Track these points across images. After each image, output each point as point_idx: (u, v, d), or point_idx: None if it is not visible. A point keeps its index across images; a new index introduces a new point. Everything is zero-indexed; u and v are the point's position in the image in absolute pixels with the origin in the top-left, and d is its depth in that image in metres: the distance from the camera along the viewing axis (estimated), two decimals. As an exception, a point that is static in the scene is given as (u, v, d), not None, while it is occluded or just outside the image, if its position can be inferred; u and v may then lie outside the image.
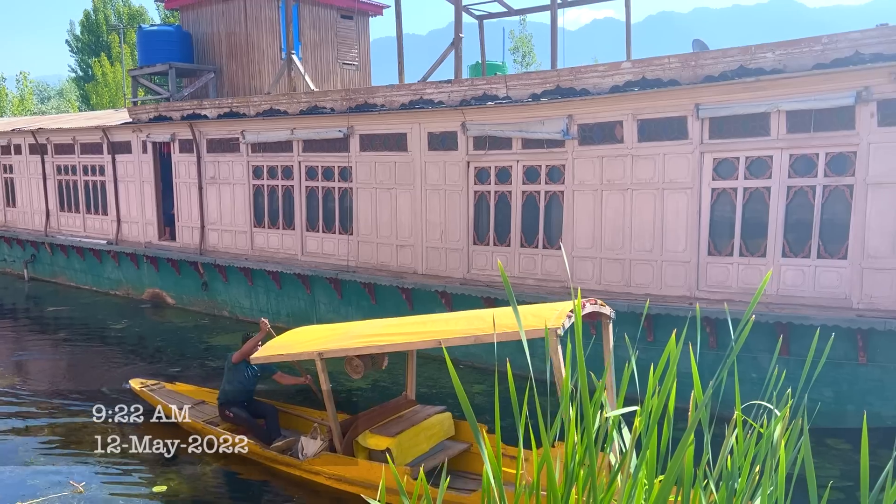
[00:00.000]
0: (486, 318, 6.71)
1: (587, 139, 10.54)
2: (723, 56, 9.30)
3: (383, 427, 7.55)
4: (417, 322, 7.87)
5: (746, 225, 9.31)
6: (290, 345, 8.13)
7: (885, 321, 8.08)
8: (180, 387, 10.09)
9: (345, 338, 7.77)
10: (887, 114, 8.25)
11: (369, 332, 7.70)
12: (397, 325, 7.87)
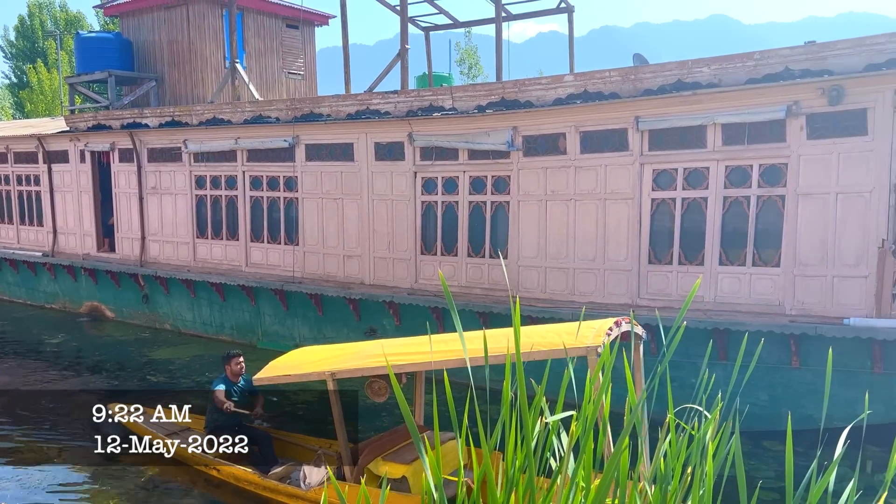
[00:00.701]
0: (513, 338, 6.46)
1: (531, 150, 10.70)
2: (661, 70, 9.58)
3: (396, 454, 7.03)
4: (436, 341, 7.34)
5: (685, 234, 9.57)
6: (297, 364, 7.47)
7: (816, 326, 8.40)
8: (162, 411, 9.40)
9: (357, 357, 7.23)
10: (816, 127, 8.62)
11: (385, 352, 7.06)
12: (414, 345, 7.35)
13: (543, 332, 6.58)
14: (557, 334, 6.31)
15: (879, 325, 8.07)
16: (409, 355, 6.92)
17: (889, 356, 8.24)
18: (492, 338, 6.88)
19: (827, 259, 8.57)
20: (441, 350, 6.78)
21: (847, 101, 8.32)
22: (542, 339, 6.18)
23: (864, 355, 8.39)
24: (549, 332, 6.60)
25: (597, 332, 6.03)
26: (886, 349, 8.21)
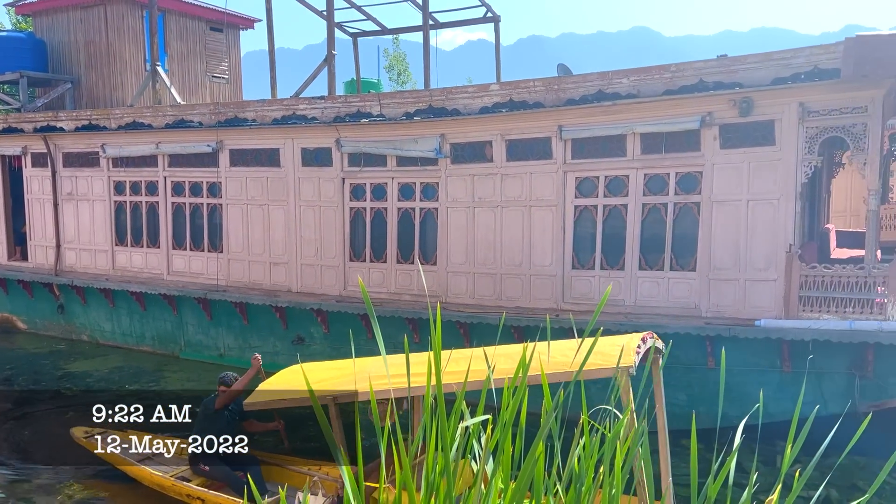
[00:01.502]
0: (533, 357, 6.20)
1: (459, 158, 10.81)
2: (583, 81, 9.85)
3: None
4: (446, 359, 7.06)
5: (606, 240, 9.86)
6: (292, 387, 6.80)
7: (730, 328, 8.79)
8: (131, 435, 8.79)
9: (359, 378, 6.73)
10: (728, 137, 9.03)
11: (390, 371, 6.68)
12: (421, 364, 6.89)
13: (565, 350, 6.06)
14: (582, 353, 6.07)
15: (787, 326, 8.50)
16: (415, 377, 6.47)
17: (796, 355, 8.68)
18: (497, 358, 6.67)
19: (739, 263, 8.98)
20: (454, 371, 6.37)
21: (756, 113, 8.75)
22: (565, 357, 5.74)
23: (774, 355, 8.83)
24: (570, 350, 5.97)
25: (625, 350, 5.70)
26: (794, 348, 8.65)
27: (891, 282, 8.13)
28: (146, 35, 15.85)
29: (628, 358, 5.59)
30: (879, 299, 8.24)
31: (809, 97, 8.46)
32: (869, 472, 8.14)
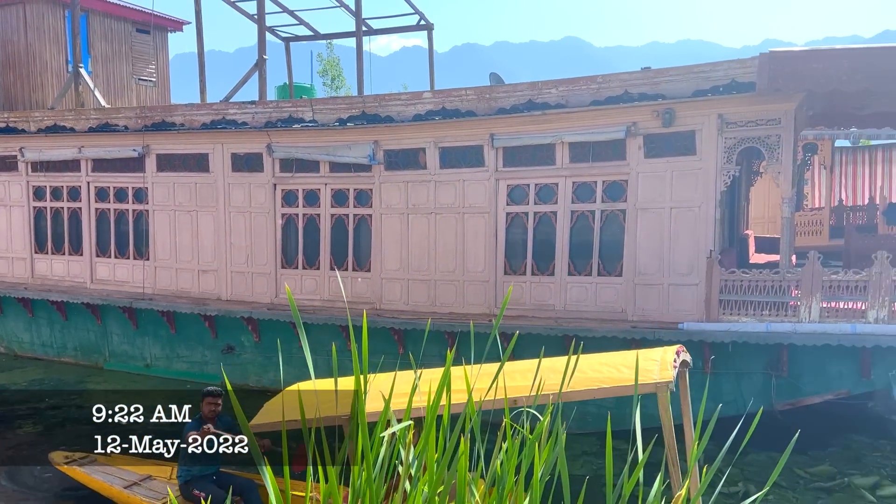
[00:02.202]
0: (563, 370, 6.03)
1: (393, 164, 10.84)
2: (514, 90, 10.04)
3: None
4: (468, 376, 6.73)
5: (537, 246, 10.05)
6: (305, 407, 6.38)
7: (655, 331, 9.08)
8: (117, 459, 7.94)
9: (378, 395, 6.55)
10: (652, 147, 9.35)
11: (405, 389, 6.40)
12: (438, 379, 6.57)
13: (596, 366, 5.94)
14: (615, 367, 5.80)
15: (708, 329, 8.84)
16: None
17: (717, 357, 9.04)
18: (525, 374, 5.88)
19: (663, 268, 9.30)
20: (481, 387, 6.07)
21: (678, 124, 9.10)
22: (599, 373, 5.67)
23: (696, 357, 9.14)
24: (602, 364, 6.01)
25: (661, 364, 5.56)
26: (715, 351, 9.00)
27: (804, 285, 8.56)
28: (68, 36, 15.29)
29: (664, 373, 5.38)
30: (794, 302, 8.66)
31: (727, 109, 8.84)
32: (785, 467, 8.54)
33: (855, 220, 17.78)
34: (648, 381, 5.22)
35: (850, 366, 8.57)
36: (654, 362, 5.58)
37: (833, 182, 19.95)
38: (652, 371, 5.42)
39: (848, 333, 8.26)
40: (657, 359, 5.65)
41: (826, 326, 8.37)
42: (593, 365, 5.77)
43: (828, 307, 8.56)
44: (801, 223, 17.81)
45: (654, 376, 5.32)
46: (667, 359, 5.61)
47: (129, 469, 7.55)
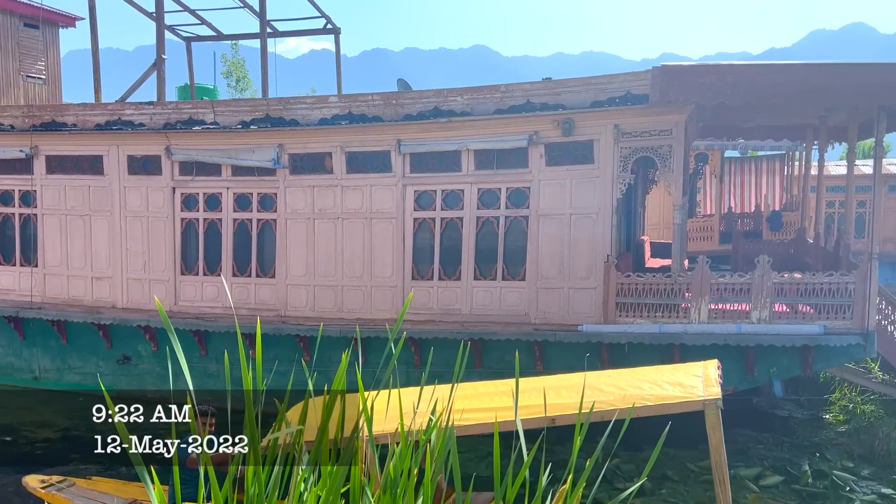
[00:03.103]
0: (604, 387, 5.60)
1: (298, 169, 10.71)
2: (420, 97, 10.12)
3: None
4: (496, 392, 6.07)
5: (444, 251, 10.16)
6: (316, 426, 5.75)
7: (555, 333, 9.36)
8: (99, 483, 7.46)
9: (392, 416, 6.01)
10: (553, 155, 9.64)
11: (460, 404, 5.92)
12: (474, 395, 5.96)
13: (634, 382, 5.72)
14: (656, 384, 5.57)
15: (606, 331, 9.19)
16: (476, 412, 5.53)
17: (614, 357, 9.40)
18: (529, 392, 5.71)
19: (564, 273, 9.60)
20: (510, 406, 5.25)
21: (578, 133, 9.42)
22: (640, 389, 5.44)
23: (595, 357, 9.49)
24: (641, 380, 5.77)
25: (705, 380, 5.37)
26: (612, 351, 9.36)
27: (693, 288, 9.03)
28: (-54, 27, 14.28)
29: (711, 389, 5.19)
30: (685, 304, 9.12)
31: (623, 120, 9.24)
32: (677, 462, 8.98)
33: (742, 226, 18.87)
34: (695, 399, 5.11)
35: (736, 364, 9.10)
36: (697, 378, 5.45)
37: (723, 190, 21.10)
38: (696, 388, 5.30)
39: (733, 333, 8.77)
40: (699, 374, 5.52)
41: (714, 327, 8.86)
42: (631, 381, 5.63)
43: (716, 309, 9.06)
44: (694, 229, 18.75)
45: (700, 393, 5.19)
46: (710, 375, 5.49)
47: (111, 493, 7.09)
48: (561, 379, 6.20)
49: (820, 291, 8.70)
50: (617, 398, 5.21)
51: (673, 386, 5.39)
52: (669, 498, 8.22)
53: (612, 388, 5.46)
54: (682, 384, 5.38)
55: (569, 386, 5.67)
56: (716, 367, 5.64)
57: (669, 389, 5.32)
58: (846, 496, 8.29)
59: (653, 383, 5.47)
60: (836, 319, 8.62)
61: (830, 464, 9.02)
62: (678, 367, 6.04)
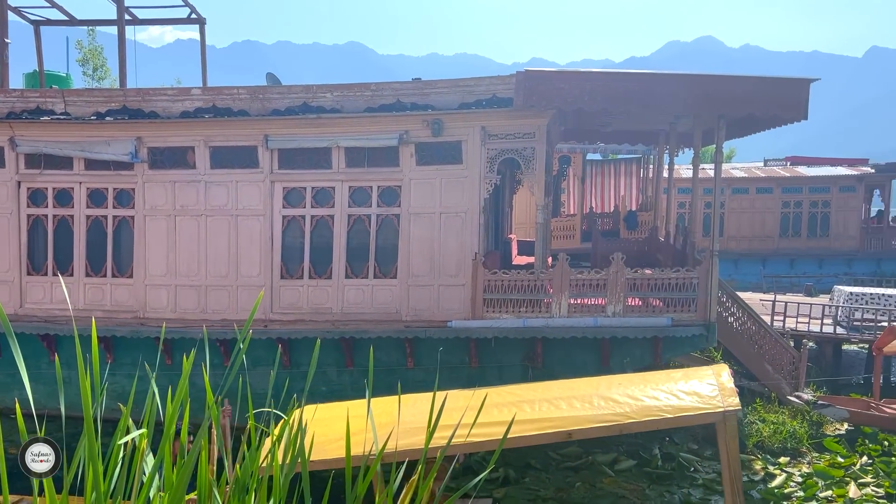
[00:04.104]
0: (618, 397, 5.44)
1: (158, 163, 10.24)
2: (288, 92, 9.96)
3: None
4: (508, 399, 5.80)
5: (314, 250, 10.04)
6: (324, 442, 5.14)
7: (426, 330, 9.51)
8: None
9: (406, 430, 5.35)
10: (423, 154, 9.77)
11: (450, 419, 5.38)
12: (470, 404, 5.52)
13: (650, 392, 5.54)
14: (673, 394, 5.39)
15: (474, 326, 9.44)
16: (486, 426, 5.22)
17: (482, 352, 9.68)
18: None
19: (434, 270, 9.75)
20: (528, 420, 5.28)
21: (446, 134, 9.60)
22: (657, 400, 5.29)
23: (463, 352, 9.74)
24: (657, 390, 5.58)
25: (721, 390, 5.25)
26: (480, 346, 9.63)
27: (555, 284, 9.45)
28: None
29: (730, 399, 5.13)
30: (548, 300, 9.53)
31: (490, 122, 9.51)
32: (539, 451, 9.36)
33: (602, 225, 19.93)
34: (715, 409, 5.02)
35: (593, 355, 9.62)
36: (713, 387, 5.33)
37: (585, 191, 22.18)
38: (714, 397, 5.21)
39: (590, 326, 9.27)
40: (715, 383, 5.40)
41: (573, 321, 9.32)
42: (645, 391, 5.51)
43: (576, 303, 9.53)
44: (558, 228, 19.59)
45: (719, 403, 5.11)
46: (725, 383, 5.37)
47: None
48: (568, 388, 6.10)
49: (668, 286, 9.36)
50: (635, 410, 5.17)
51: (690, 396, 5.31)
52: (532, 486, 8.57)
53: (626, 398, 5.41)
54: (698, 394, 5.31)
55: (580, 396, 5.57)
56: (728, 374, 5.62)
57: (687, 400, 5.25)
58: (691, 476, 8.99)
59: (668, 393, 5.41)
60: (683, 312, 9.30)
61: (678, 447, 9.73)
62: (689, 372, 5.98)
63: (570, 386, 6.28)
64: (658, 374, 6.63)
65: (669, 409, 5.14)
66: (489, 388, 6.46)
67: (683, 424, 4.97)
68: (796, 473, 9.00)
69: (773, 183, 24.08)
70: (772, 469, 9.13)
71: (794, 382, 11.11)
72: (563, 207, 22.00)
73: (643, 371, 11.72)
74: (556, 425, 5.17)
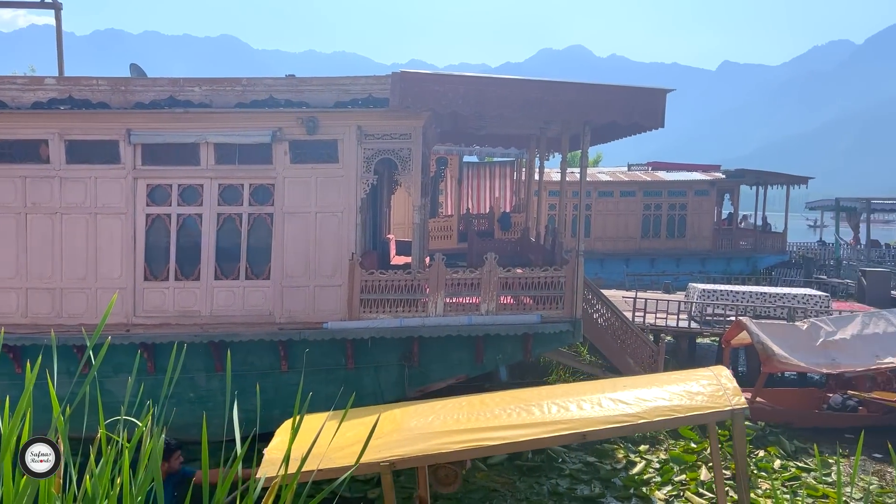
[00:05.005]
0: (628, 399, 5.40)
1: (6, 157, 9.48)
2: (153, 85, 9.50)
3: None
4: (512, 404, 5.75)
5: (181, 250, 9.63)
6: (328, 452, 4.95)
7: (301, 332, 9.35)
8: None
9: (413, 435, 5.41)
10: (297, 153, 9.60)
11: (460, 425, 5.41)
12: (486, 411, 5.66)
13: (658, 392, 5.56)
14: (686, 395, 5.43)
15: (350, 327, 9.39)
16: (493, 430, 5.30)
17: (359, 353, 9.64)
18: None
19: (309, 271, 9.60)
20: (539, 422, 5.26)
21: (322, 132, 9.49)
22: (669, 401, 5.33)
23: (340, 354, 9.66)
24: (664, 390, 5.62)
25: (724, 390, 5.34)
26: (356, 347, 9.59)
27: (431, 284, 9.57)
28: None
29: (738, 399, 5.22)
30: (424, 299, 9.63)
31: (366, 122, 9.48)
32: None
33: (478, 226, 20.37)
34: (724, 408, 5.17)
35: (468, 353, 9.83)
36: (718, 387, 5.48)
37: (462, 193, 22.59)
38: (721, 396, 5.35)
39: (465, 325, 9.46)
40: (718, 384, 5.55)
41: (448, 319, 9.47)
42: (652, 391, 5.60)
43: (452, 303, 9.69)
44: (436, 228, 19.83)
45: (727, 402, 5.26)
46: (728, 384, 5.53)
47: None
48: (574, 391, 6.17)
49: (538, 285, 9.71)
50: (646, 410, 5.30)
51: (698, 395, 5.45)
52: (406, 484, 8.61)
53: (636, 399, 5.51)
54: (704, 393, 5.45)
55: (589, 399, 5.64)
56: (729, 374, 5.80)
57: (697, 399, 5.39)
58: (558, 467, 9.37)
59: (676, 393, 5.53)
60: (551, 309, 9.68)
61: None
62: (689, 374, 6.15)
63: (576, 389, 6.44)
64: (661, 375, 6.83)
65: (680, 409, 5.29)
66: (492, 392, 6.73)
67: (693, 423, 5.21)
68: (654, 460, 9.59)
69: (635, 187, 25.52)
70: (633, 457, 9.69)
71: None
72: (441, 208, 22.29)
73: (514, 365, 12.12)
74: (570, 427, 5.22)
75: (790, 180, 26.18)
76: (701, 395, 5.42)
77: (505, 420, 5.44)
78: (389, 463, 5.04)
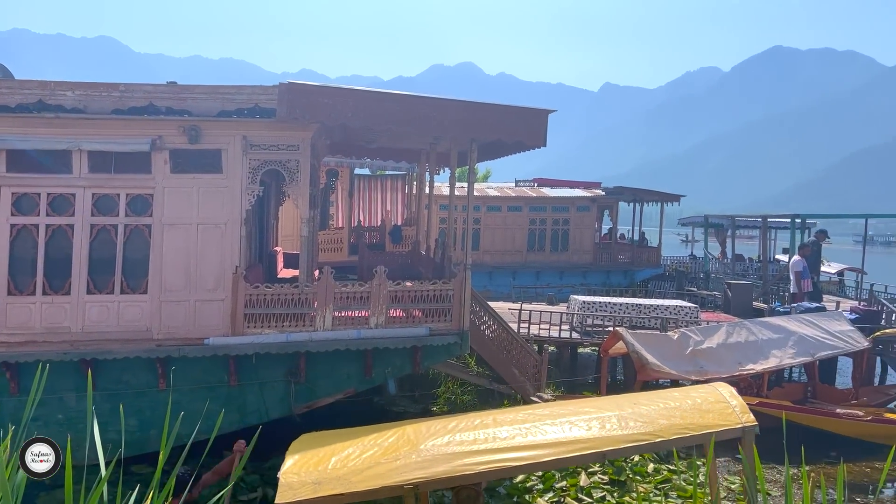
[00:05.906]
0: (643, 414, 5.42)
1: None
2: (20, 87, 8.93)
3: None
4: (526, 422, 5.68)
5: (50, 263, 9.06)
6: (347, 474, 5.11)
7: (180, 348, 8.99)
8: None
9: (432, 456, 5.29)
10: (178, 162, 9.27)
11: (474, 446, 5.31)
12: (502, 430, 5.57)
13: (665, 412, 5.58)
14: (695, 411, 5.48)
15: (233, 343, 9.12)
16: (514, 451, 5.28)
17: (242, 369, 9.38)
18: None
19: (190, 285, 9.27)
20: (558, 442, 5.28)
21: (205, 142, 9.22)
22: (679, 420, 5.35)
23: (222, 371, 9.36)
24: (671, 409, 5.62)
25: (735, 408, 5.37)
26: (240, 363, 9.33)
27: (319, 297, 9.46)
28: None
29: (747, 416, 5.30)
30: (312, 313, 9.50)
31: (252, 132, 9.30)
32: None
33: (369, 238, 20.30)
34: (735, 426, 5.26)
35: (357, 367, 9.77)
36: (726, 405, 5.55)
37: (353, 205, 22.45)
38: (731, 414, 5.44)
39: (354, 339, 9.41)
40: (729, 401, 5.61)
41: (336, 333, 9.39)
42: (663, 411, 5.61)
43: (340, 316, 9.61)
44: (326, 240, 19.61)
45: (738, 419, 5.35)
46: (733, 400, 5.61)
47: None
48: (584, 407, 6.21)
49: (427, 298, 9.81)
50: (662, 428, 5.40)
51: (709, 413, 5.57)
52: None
53: (648, 417, 5.58)
54: (713, 411, 5.57)
55: (600, 417, 5.67)
56: (733, 391, 5.91)
57: (708, 417, 5.51)
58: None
59: (688, 410, 5.62)
60: (440, 322, 9.80)
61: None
62: (693, 391, 6.24)
63: (586, 405, 6.47)
64: (663, 392, 6.98)
65: (694, 427, 5.43)
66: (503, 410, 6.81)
67: (707, 441, 5.32)
68: (538, 467, 9.87)
69: (522, 202, 26.27)
70: (518, 465, 9.92)
71: (537, 384, 12.20)
72: (332, 220, 22.07)
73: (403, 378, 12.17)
74: (591, 446, 5.33)
75: (664, 198, 27.71)
76: (710, 413, 5.61)
77: (523, 440, 5.50)
78: (413, 486, 5.02)
